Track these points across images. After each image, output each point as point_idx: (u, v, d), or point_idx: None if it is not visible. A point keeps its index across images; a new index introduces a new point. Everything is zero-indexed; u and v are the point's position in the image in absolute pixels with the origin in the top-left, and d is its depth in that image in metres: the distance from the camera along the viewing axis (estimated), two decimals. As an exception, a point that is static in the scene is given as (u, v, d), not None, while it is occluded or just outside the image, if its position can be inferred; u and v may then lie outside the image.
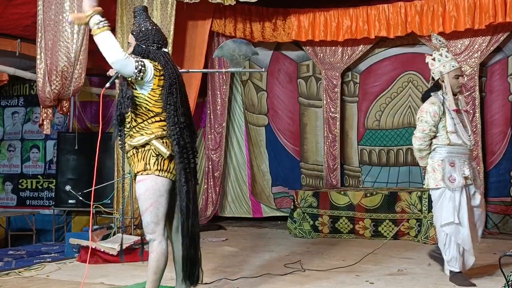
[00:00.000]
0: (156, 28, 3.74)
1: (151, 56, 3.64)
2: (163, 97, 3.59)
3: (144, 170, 3.59)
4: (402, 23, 7.85)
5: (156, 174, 3.59)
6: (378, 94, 8.74)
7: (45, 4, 6.49)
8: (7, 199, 10.29)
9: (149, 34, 3.68)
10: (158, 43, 3.70)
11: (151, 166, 3.59)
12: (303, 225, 7.51)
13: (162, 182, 3.61)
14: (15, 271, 5.37)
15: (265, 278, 4.95)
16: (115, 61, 3.45)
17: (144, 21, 3.72)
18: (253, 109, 9.27)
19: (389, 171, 8.62)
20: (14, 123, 10.44)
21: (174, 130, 3.60)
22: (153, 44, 3.67)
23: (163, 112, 3.62)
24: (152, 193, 3.59)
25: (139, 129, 3.63)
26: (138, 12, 3.76)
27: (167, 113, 3.60)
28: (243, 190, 9.29)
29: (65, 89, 6.76)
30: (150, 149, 3.60)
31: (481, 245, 6.70)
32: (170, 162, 3.63)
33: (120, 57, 3.44)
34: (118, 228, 6.55)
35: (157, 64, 3.62)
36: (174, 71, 3.67)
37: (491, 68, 8.03)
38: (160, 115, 3.62)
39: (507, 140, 7.87)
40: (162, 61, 3.64)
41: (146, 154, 3.60)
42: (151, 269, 3.63)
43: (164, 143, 3.62)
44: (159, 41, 3.71)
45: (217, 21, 8.36)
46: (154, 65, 3.60)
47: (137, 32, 3.70)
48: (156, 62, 3.62)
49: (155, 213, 3.61)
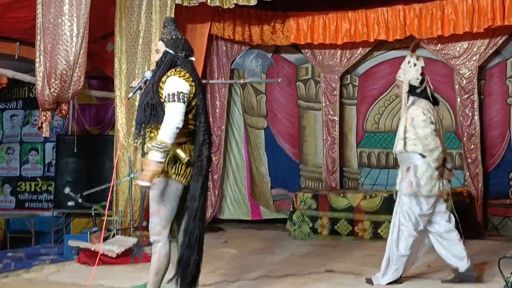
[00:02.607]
0: (184, 38, 3.91)
1: (179, 62, 3.78)
2: (197, 102, 3.71)
3: (161, 173, 3.63)
4: (401, 26, 7.86)
5: (173, 178, 3.66)
6: (377, 97, 8.75)
7: (44, 8, 6.50)
8: (5, 202, 10.29)
9: (179, 42, 3.84)
10: (186, 51, 3.85)
11: (168, 169, 3.65)
12: (303, 227, 7.51)
13: (177, 186, 3.68)
14: (14, 273, 5.36)
15: (264, 280, 4.95)
16: (180, 125, 3.57)
17: (174, 30, 3.89)
18: (252, 112, 9.27)
19: (388, 174, 8.62)
20: (13, 126, 10.45)
21: (206, 134, 3.72)
22: (182, 51, 3.82)
23: (187, 116, 3.66)
24: (166, 197, 3.66)
25: None
26: (169, 22, 3.95)
27: (199, 116, 3.72)
28: (242, 193, 9.28)
29: (64, 92, 6.76)
30: (169, 153, 3.64)
31: (481, 247, 6.74)
32: (187, 167, 3.69)
33: (179, 123, 3.56)
34: (117, 230, 6.55)
35: (185, 71, 3.73)
36: (199, 78, 3.81)
37: (490, 71, 8.05)
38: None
39: (506, 142, 7.88)
40: (189, 68, 3.78)
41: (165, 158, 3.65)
42: (153, 270, 3.66)
43: (184, 148, 3.68)
44: (187, 50, 3.86)
45: (216, 25, 8.37)
46: (185, 77, 3.68)
47: (167, 39, 3.84)
48: (184, 69, 3.74)
49: (165, 216, 3.67)
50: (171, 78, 3.66)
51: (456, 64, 7.95)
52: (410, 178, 4.67)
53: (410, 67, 4.86)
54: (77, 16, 6.55)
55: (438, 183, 4.68)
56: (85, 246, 5.92)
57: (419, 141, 4.63)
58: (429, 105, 4.78)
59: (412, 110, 4.73)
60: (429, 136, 4.59)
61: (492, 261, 5.32)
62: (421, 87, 4.82)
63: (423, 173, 4.63)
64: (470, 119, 7.87)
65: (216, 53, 9.02)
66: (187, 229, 3.71)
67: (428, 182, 4.63)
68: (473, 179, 7.82)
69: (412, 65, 4.87)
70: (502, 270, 3.43)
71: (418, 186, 4.63)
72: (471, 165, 7.84)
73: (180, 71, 3.72)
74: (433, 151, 4.59)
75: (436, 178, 4.66)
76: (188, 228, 3.71)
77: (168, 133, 3.53)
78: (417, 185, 4.63)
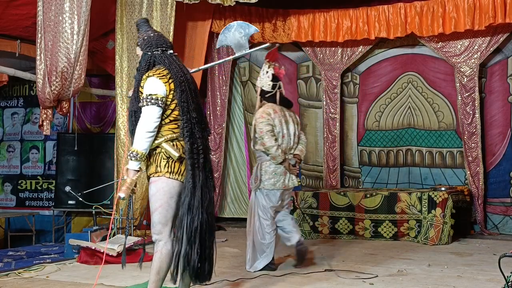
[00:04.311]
0: (158, 34, 3.87)
1: (157, 60, 3.75)
2: (177, 96, 3.66)
3: (156, 172, 3.67)
4: (402, 24, 7.85)
5: (167, 177, 3.65)
6: (378, 95, 8.74)
7: (45, 5, 6.49)
8: (6, 200, 10.28)
9: (152, 40, 3.80)
10: (161, 47, 3.80)
11: (161, 168, 3.66)
12: (303, 226, 7.50)
13: (172, 184, 3.67)
14: (15, 272, 5.37)
15: (264, 279, 4.95)
16: (151, 129, 3.59)
17: (146, 31, 3.87)
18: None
19: (388, 172, 8.62)
20: (13, 124, 10.44)
21: (187, 127, 3.66)
22: (157, 48, 3.79)
23: (173, 112, 3.66)
24: (163, 195, 3.65)
25: None
26: (140, 24, 3.92)
27: (180, 110, 3.67)
28: (242, 191, 9.28)
29: (65, 90, 6.76)
30: (161, 152, 3.66)
31: (481, 245, 6.74)
32: (181, 164, 3.68)
33: (150, 127, 3.57)
34: (118, 229, 6.55)
35: (162, 69, 3.69)
36: (180, 69, 3.74)
37: (491, 69, 8.04)
38: (170, 116, 3.67)
39: (507, 141, 7.87)
40: (166, 63, 3.73)
41: (157, 157, 3.68)
42: (154, 269, 3.65)
43: (174, 145, 3.67)
44: (162, 45, 3.81)
45: (217, 22, 8.36)
46: (159, 75, 3.65)
47: (141, 42, 3.84)
48: (161, 65, 3.71)
49: (163, 214, 3.66)
50: (147, 81, 3.64)
51: (457, 62, 7.94)
52: (256, 173, 5.28)
53: (263, 75, 5.43)
54: (78, 14, 6.55)
55: (283, 178, 5.23)
56: (85, 244, 5.92)
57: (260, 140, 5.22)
58: (273, 108, 5.29)
59: (258, 112, 5.32)
60: (265, 136, 5.16)
61: (492, 260, 5.31)
62: (272, 92, 5.38)
63: (266, 169, 5.24)
64: (471, 117, 7.86)
65: (217, 51, 9.01)
66: (180, 221, 3.65)
67: (272, 177, 5.21)
68: (473, 178, 7.82)
69: (265, 72, 5.42)
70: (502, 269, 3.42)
71: (262, 181, 5.23)
72: (471, 164, 7.84)
73: (157, 69, 3.70)
74: (269, 149, 5.17)
75: (282, 174, 5.24)
76: (182, 220, 3.64)
77: (139, 141, 3.57)
78: (260, 180, 5.24)
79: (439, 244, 6.78)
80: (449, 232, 6.86)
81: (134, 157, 3.56)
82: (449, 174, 8.24)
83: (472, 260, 5.81)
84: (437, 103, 8.33)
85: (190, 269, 3.70)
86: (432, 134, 8.36)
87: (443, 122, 8.31)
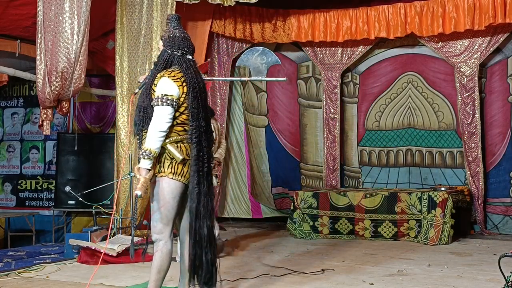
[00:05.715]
0: (183, 36, 3.87)
1: (174, 61, 3.77)
2: (188, 101, 3.69)
3: (159, 172, 3.69)
4: (402, 24, 7.86)
5: (170, 177, 3.67)
6: (378, 95, 8.74)
7: (45, 5, 6.49)
8: (6, 200, 10.28)
9: (176, 40, 3.82)
10: (183, 50, 3.83)
11: (165, 169, 3.68)
12: (303, 226, 7.51)
13: (175, 185, 3.69)
14: (15, 272, 5.37)
15: (264, 279, 4.95)
16: (164, 129, 3.61)
17: (174, 28, 3.88)
18: (253, 110, 9.27)
19: (388, 172, 8.62)
20: (13, 124, 10.43)
21: (196, 133, 3.69)
22: (178, 50, 3.81)
23: (181, 115, 3.69)
24: (165, 195, 3.68)
25: None
26: (170, 20, 3.94)
27: (190, 116, 3.70)
28: (242, 191, 9.27)
29: (65, 90, 6.75)
30: (165, 153, 3.69)
31: (481, 245, 6.74)
32: (184, 166, 3.70)
33: (163, 127, 3.60)
34: (118, 229, 6.55)
35: (177, 71, 3.72)
36: (194, 76, 3.76)
37: (491, 69, 8.04)
38: (177, 119, 3.69)
39: (507, 141, 7.87)
40: (183, 66, 3.76)
41: (161, 158, 3.69)
42: (155, 268, 3.67)
43: (178, 147, 3.70)
44: (184, 48, 3.83)
45: (217, 22, 8.37)
46: (175, 78, 3.67)
47: (165, 38, 3.86)
48: (178, 68, 3.73)
49: (165, 214, 3.68)
50: (161, 80, 3.67)
51: (457, 62, 7.94)
52: None
53: None
54: (78, 14, 6.55)
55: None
56: (85, 244, 5.92)
57: None
58: None
59: None
60: None
61: (492, 260, 5.31)
62: None
63: None
64: (471, 117, 7.86)
65: (217, 51, 9.01)
66: (191, 228, 3.71)
67: None
68: (473, 178, 7.82)
69: None
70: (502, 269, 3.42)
71: None
72: (471, 164, 7.84)
73: (173, 70, 3.73)
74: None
75: None
76: (192, 227, 3.70)
77: (151, 139, 3.59)
78: None
79: (439, 244, 6.78)
80: (449, 232, 6.86)
81: (147, 156, 3.57)
82: (449, 174, 8.25)
83: (472, 260, 5.81)
84: (437, 103, 8.34)
85: (203, 274, 3.74)
86: (432, 134, 8.36)
87: (443, 122, 8.31)
